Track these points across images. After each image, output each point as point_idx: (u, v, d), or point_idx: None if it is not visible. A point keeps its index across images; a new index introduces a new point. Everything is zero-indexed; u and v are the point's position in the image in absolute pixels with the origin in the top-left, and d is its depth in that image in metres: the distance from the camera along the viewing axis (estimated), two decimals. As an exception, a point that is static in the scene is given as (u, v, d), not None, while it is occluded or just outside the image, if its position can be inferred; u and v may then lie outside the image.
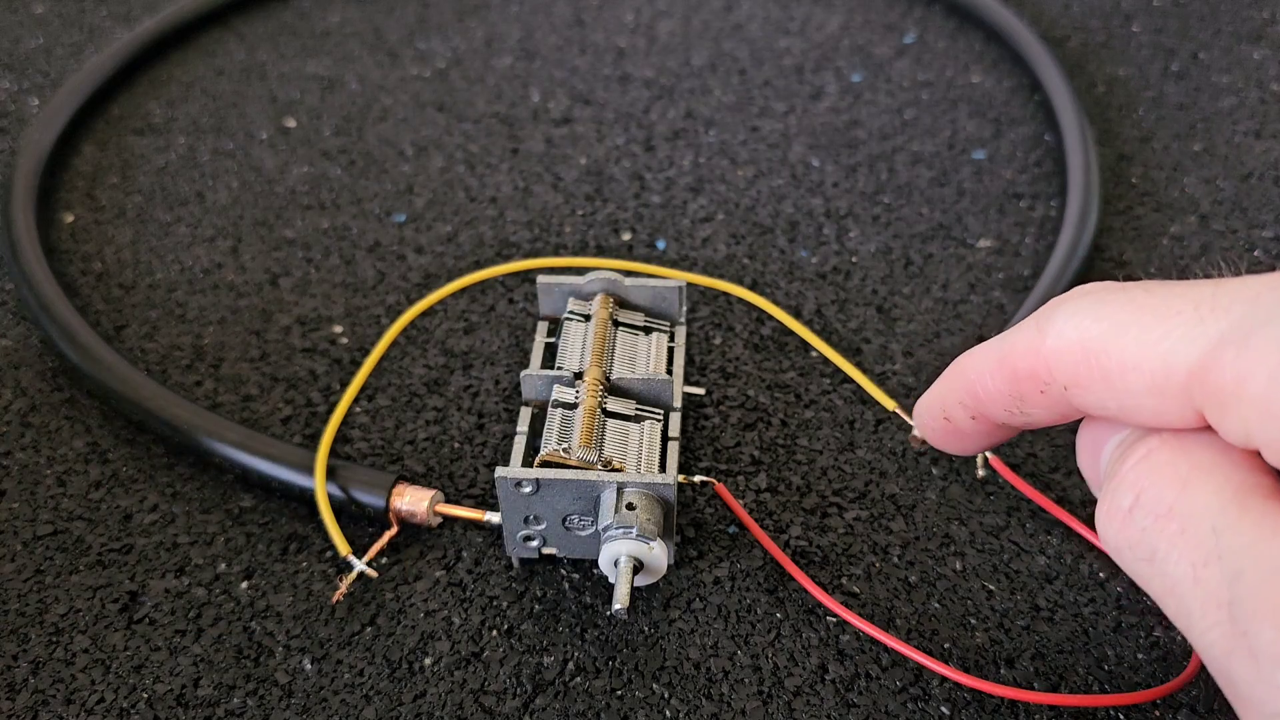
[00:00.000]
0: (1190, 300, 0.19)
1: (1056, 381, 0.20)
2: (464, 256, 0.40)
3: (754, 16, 0.53)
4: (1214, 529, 0.18)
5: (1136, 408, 0.19)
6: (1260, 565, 0.17)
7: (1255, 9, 0.53)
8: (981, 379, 0.22)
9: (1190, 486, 0.18)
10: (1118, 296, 0.20)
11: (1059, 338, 0.20)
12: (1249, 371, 0.17)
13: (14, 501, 0.32)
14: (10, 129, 0.46)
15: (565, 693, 0.27)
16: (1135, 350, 0.19)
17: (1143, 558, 0.19)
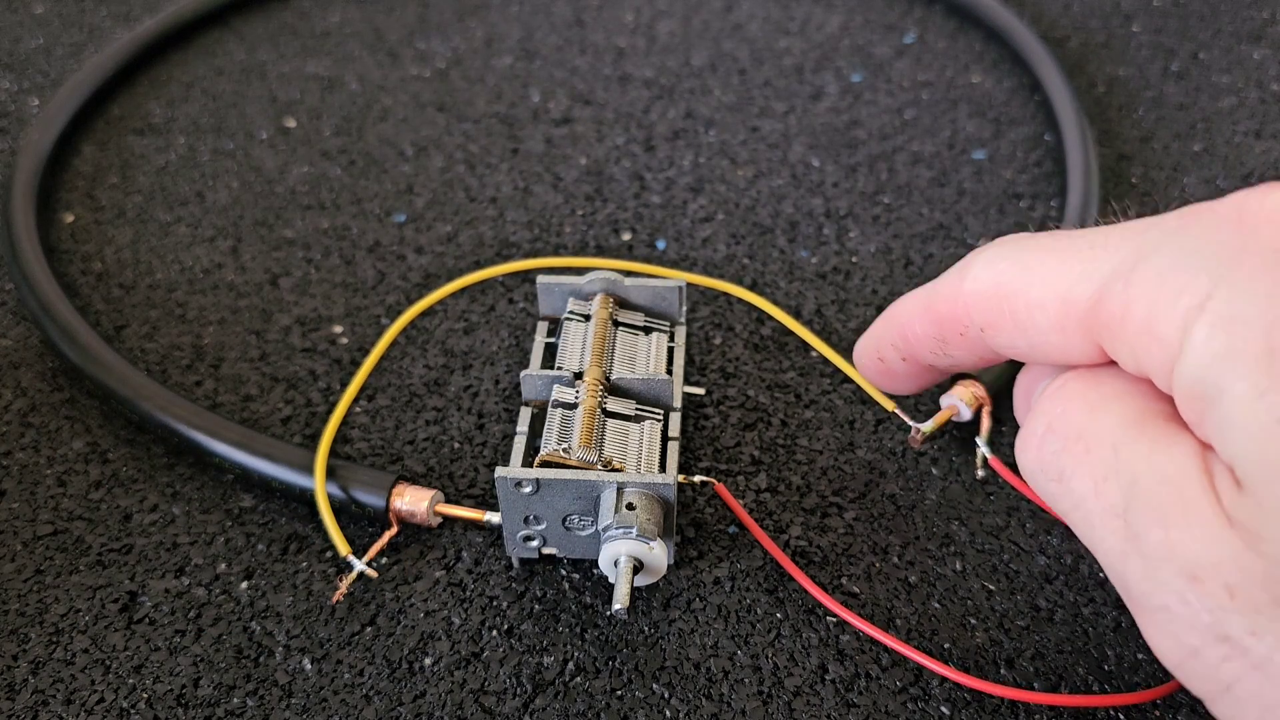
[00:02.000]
0: (1087, 241, 0.20)
1: (974, 324, 0.22)
2: (464, 256, 0.40)
3: (754, 16, 0.53)
4: (1114, 447, 0.19)
5: (1044, 345, 0.21)
6: (1152, 474, 0.18)
7: (1255, 9, 0.53)
8: (910, 323, 0.24)
9: (1097, 412, 0.20)
10: (1028, 243, 0.21)
11: (975, 281, 0.22)
12: (1133, 303, 0.18)
13: (14, 501, 0.32)
14: (10, 129, 0.46)
15: (565, 693, 0.27)
16: (1040, 290, 0.20)
17: (1053, 478, 0.20)
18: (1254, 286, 0.17)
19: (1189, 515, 0.17)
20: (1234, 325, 0.17)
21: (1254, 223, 0.18)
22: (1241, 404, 0.16)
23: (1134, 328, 0.18)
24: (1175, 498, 0.18)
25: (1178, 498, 0.18)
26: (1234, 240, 0.18)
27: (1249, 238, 0.17)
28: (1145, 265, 0.18)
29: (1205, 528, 0.17)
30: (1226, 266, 0.17)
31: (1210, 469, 0.18)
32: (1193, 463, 0.18)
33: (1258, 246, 0.17)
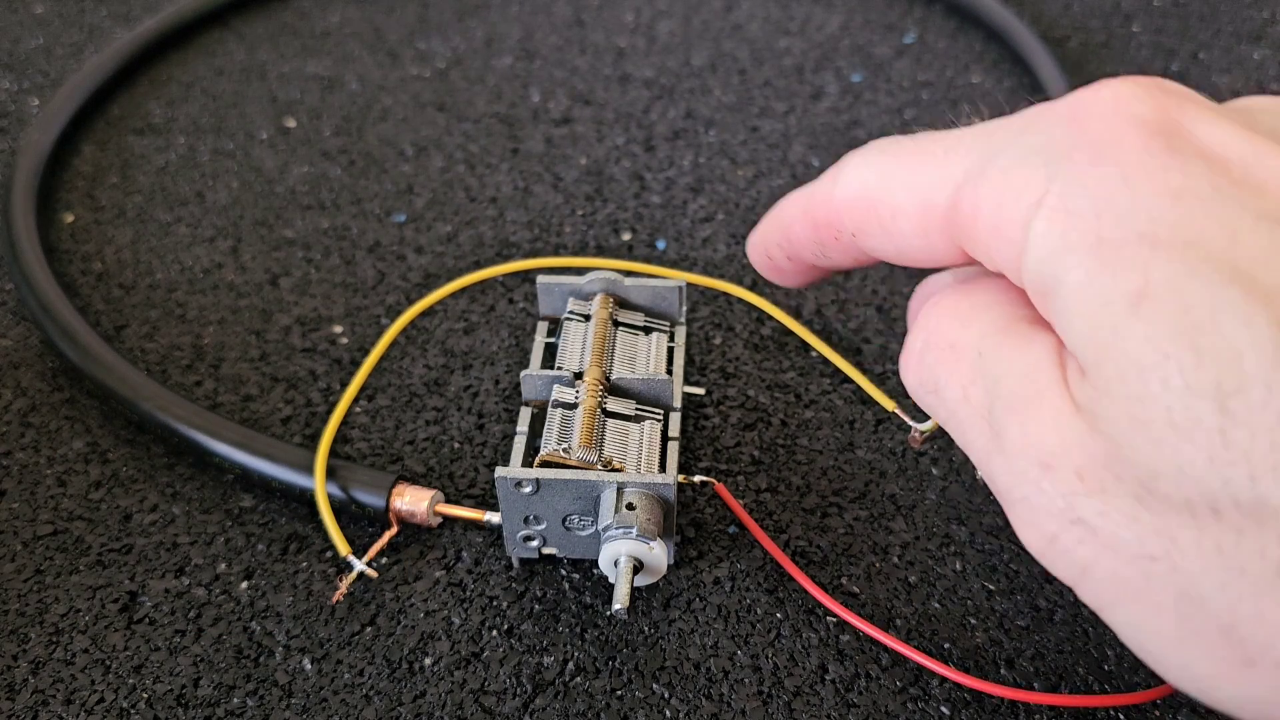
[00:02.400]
0: (943, 146, 0.20)
1: (846, 230, 0.23)
2: (464, 256, 0.40)
3: (754, 16, 0.53)
4: (980, 353, 0.20)
5: (911, 249, 0.21)
6: (1011, 373, 0.19)
7: (1255, 9, 0.53)
8: (792, 225, 0.24)
9: (968, 322, 0.20)
10: (891, 148, 0.22)
11: (845, 188, 0.22)
12: (981, 204, 0.19)
13: (14, 501, 0.32)
14: (10, 129, 0.46)
15: (565, 693, 0.27)
16: (901, 196, 0.21)
17: (930, 390, 0.21)
18: (1084, 179, 0.17)
19: (1042, 406, 0.18)
20: (1068, 217, 0.17)
21: (1086, 118, 0.18)
22: (1075, 291, 0.17)
23: (984, 228, 0.19)
24: (1031, 391, 0.18)
25: (1033, 391, 0.18)
26: (1068, 136, 0.18)
27: (1081, 133, 0.18)
28: (991, 167, 0.19)
29: (1056, 416, 0.18)
30: (1061, 162, 0.18)
31: (1064, 361, 0.18)
32: (1048, 357, 0.18)
33: (1088, 140, 0.18)
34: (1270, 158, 0.17)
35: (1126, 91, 0.18)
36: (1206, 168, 0.17)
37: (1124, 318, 0.16)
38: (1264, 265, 0.16)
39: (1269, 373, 0.15)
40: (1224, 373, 0.15)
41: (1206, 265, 0.16)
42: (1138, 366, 0.16)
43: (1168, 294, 0.16)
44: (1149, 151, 0.17)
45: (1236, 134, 0.18)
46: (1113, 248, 0.17)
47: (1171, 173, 0.17)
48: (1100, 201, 0.17)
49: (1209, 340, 0.16)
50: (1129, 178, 0.17)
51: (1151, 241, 0.16)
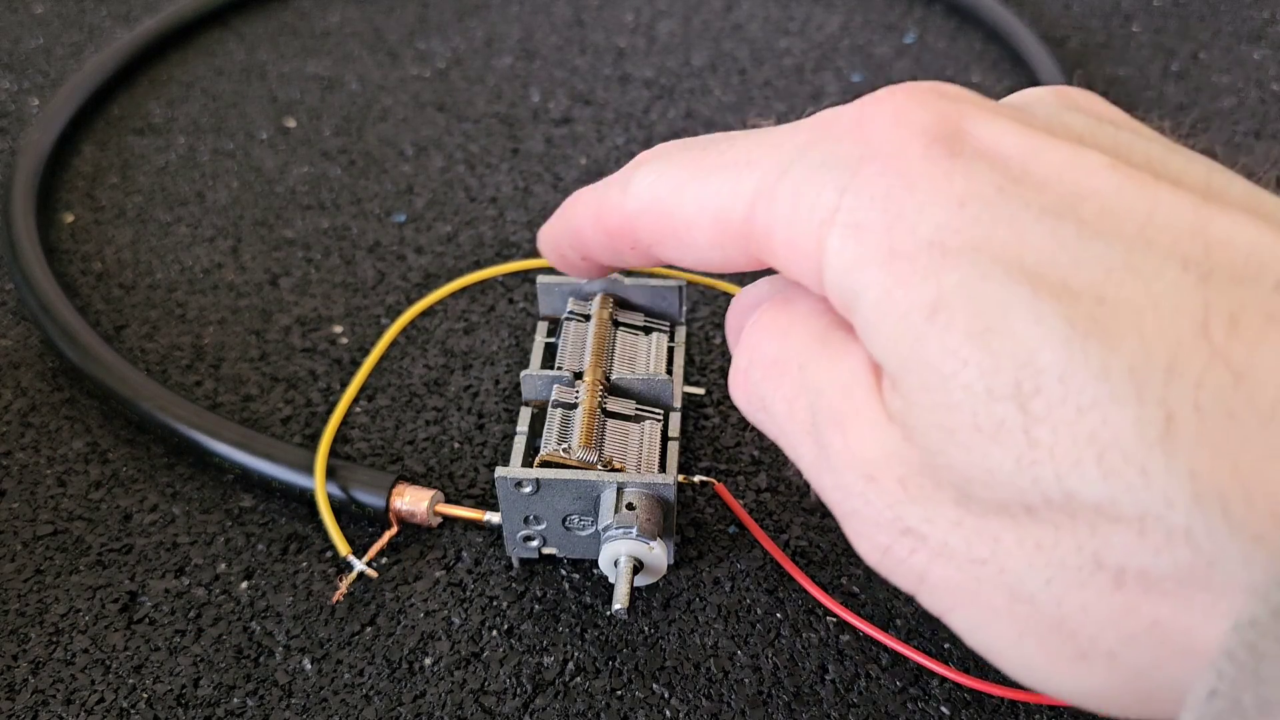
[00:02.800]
0: (732, 156, 0.20)
1: (641, 240, 0.22)
2: (464, 256, 0.40)
3: (754, 16, 0.53)
4: (800, 366, 0.20)
5: (708, 260, 0.21)
6: (832, 385, 0.19)
7: (1255, 9, 0.53)
8: (583, 229, 0.24)
9: (787, 336, 0.20)
10: (681, 155, 0.21)
11: (637, 199, 0.22)
12: (776, 221, 0.19)
13: (14, 501, 0.32)
14: (10, 129, 0.46)
15: (565, 693, 0.27)
16: (694, 210, 0.21)
17: (759, 408, 0.21)
18: (872, 191, 0.17)
19: (860, 418, 0.18)
20: (859, 231, 0.17)
21: (870, 129, 0.18)
22: (873, 306, 0.17)
23: (780, 244, 0.19)
24: (849, 404, 0.18)
25: (850, 404, 0.18)
26: (855, 149, 0.18)
27: (866, 144, 0.18)
28: (783, 182, 0.19)
29: (873, 428, 0.18)
30: (849, 175, 0.18)
31: (877, 371, 0.18)
32: (862, 367, 0.18)
33: (873, 152, 0.18)
34: (1048, 151, 0.17)
35: (905, 100, 0.18)
36: (988, 168, 0.17)
37: (922, 328, 0.16)
38: (1049, 260, 0.16)
39: (1063, 366, 0.15)
40: (1021, 372, 0.15)
41: (996, 267, 0.16)
42: (939, 375, 0.16)
43: (960, 300, 0.16)
44: (931, 158, 0.17)
45: (1014, 131, 0.18)
46: (904, 259, 0.17)
47: (955, 177, 0.17)
48: (889, 213, 0.17)
49: (1003, 342, 0.16)
50: (914, 186, 0.17)
51: (941, 249, 0.17)
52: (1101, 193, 0.17)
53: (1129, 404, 0.15)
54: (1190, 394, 0.14)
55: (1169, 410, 0.14)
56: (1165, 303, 0.15)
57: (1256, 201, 0.17)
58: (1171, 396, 0.14)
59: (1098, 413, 0.15)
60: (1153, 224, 0.16)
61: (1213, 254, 0.16)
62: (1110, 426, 0.15)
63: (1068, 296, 0.16)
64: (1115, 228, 0.16)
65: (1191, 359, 0.15)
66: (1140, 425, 0.14)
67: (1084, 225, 0.16)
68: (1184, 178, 0.17)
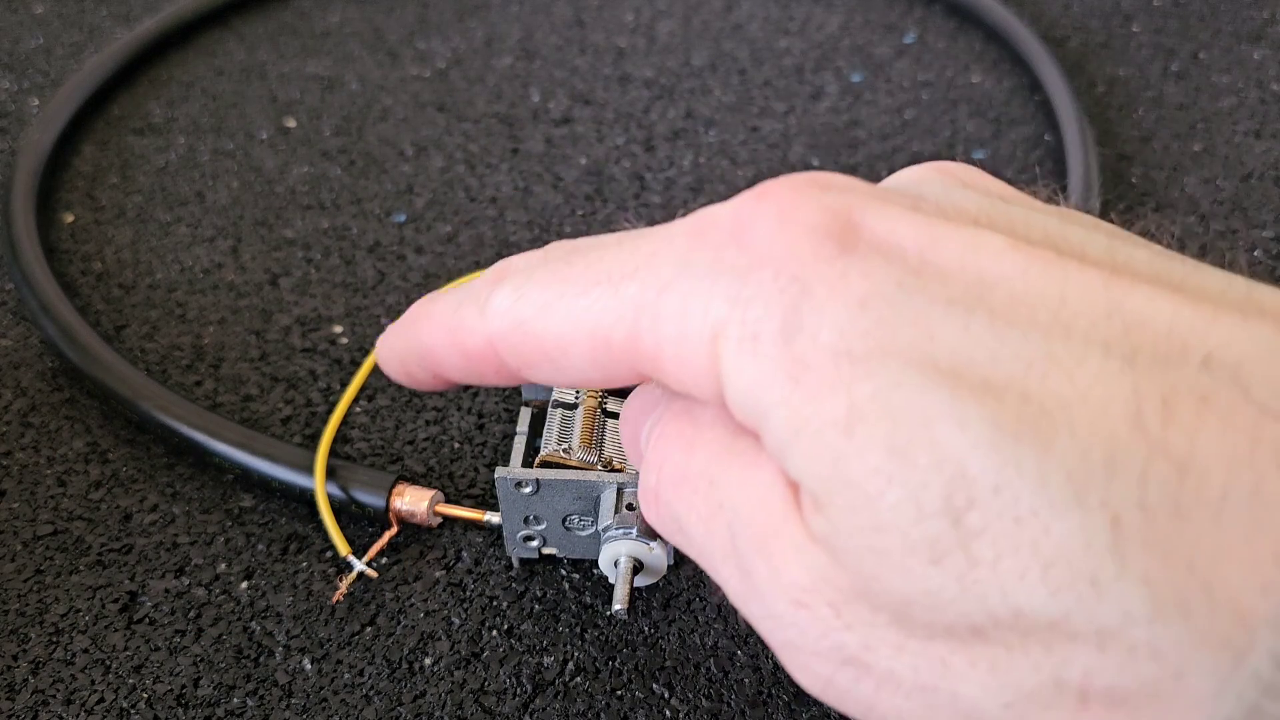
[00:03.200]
0: (603, 269, 0.18)
1: (508, 364, 0.20)
2: (464, 256, 0.40)
3: (754, 16, 0.53)
4: (711, 481, 0.18)
5: (588, 379, 0.19)
6: (748, 501, 0.17)
7: (1255, 9, 0.53)
8: (435, 350, 0.22)
9: (694, 448, 0.19)
10: (542, 271, 0.19)
11: (499, 319, 0.20)
12: (663, 340, 0.17)
13: (14, 501, 0.32)
14: (10, 129, 0.46)
15: (565, 693, 0.27)
16: (567, 329, 0.19)
17: (674, 530, 0.19)
18: (767, 298, 0.16)
19: (783, 540, 0.16)
20: (756, 344, 0.16)
21: (753, 232, 0.17)
22: (784, 425, 0.16)
23: (672, 364, 0.17)
24: (768, 524, 0.17)
25: (770, 524, 0.17)
26: (740, 255, 0.17)
27: (752, 249, 0.17)
28: (666, 297, 0.17)
29: (798, 551, 0.16)
30: (739, 283, 0.16)
31: (795, 487, 0.17)
32: (777, 483, 0.17)
33: (762, 256, 0.16)
34: (945, 238, 0.16)
35: (787, 197, 0.17)
36: (885, 263, 0.16)
37: (839, 446, 0.15)
38: (965, 357, 0.15)
39: (995, 475, 0.14)
40: (950, 486, 0.14)
41: (908, 371, 0.15)
42: (863, 495, 0.15)
43: (876, 412, 0.15)
44: (823, 258, 0.16)
45: (907, 219, 0.17)
46: (809, 371, 0.15)
47: (851, 277, 0.16)
48: (787, 321, 0.16)
49: (927, 454, 0.14)
50: (810, 290, 0.16)
51: (848, 356, 0.15)
52: (1008, 278, 0.16)
53: (1070, 510, 0.14)
54: (1134, 492, 0.13)
55: (1113, 513, 0.13)
56: (1093, 394, 0.14)
57: (1164, 270, 0.16)
58: (1114, 497, 0.13)
59: (1038, 522, 0.14)
60: (1066, 307, 0.15)
61: (1132, 335, 0.15)
62: (1053, 536, 0.14)
63: (990, 396, 0.14)
64: (1028, 315, 0.15)
65: (1130, 454, 0.14)
66: (1085, 532, 0.13)
67: (995, 315, 0.15)
68: (1087, 251, 0.16)
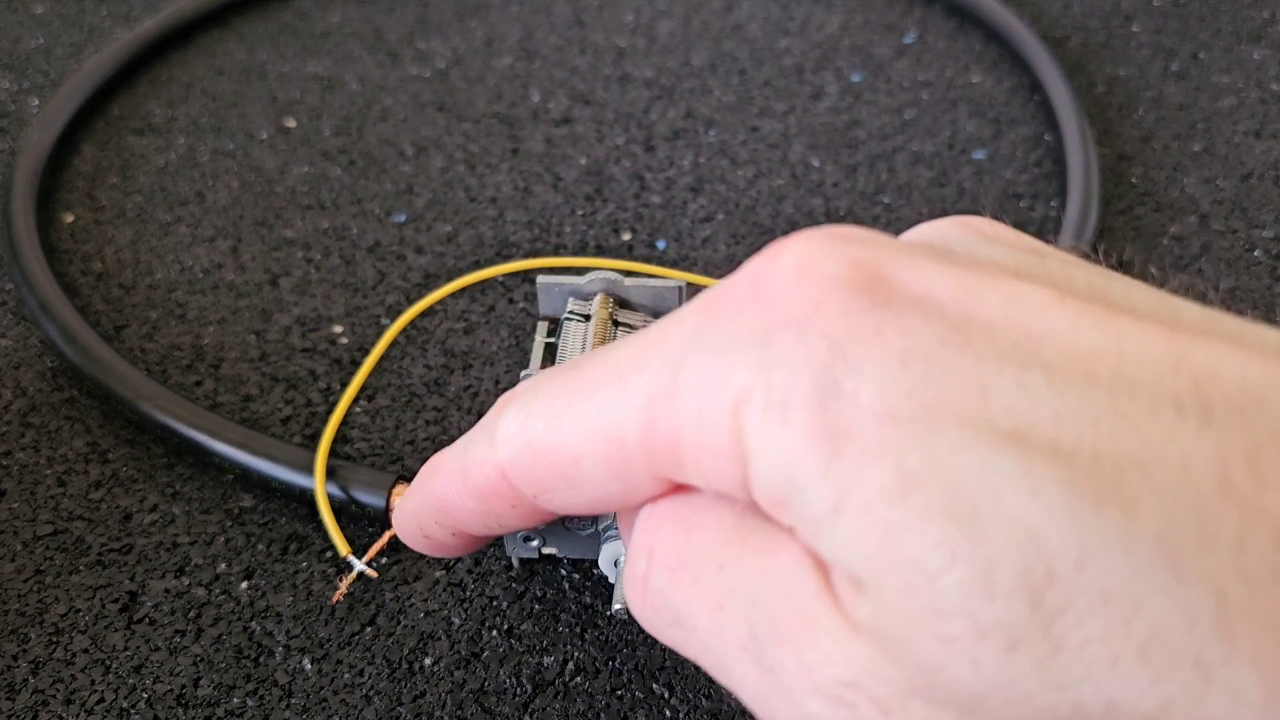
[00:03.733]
0: (611, 367, 0.17)
1: (524, 493, 0.19)
2: (464, 256, 0.40)
3: (754, 16, 0.53)
4: (720, 565, 0.16)
5: (608, 496, 0.18)
6: (770, 587, 0.15)
7: (1255, 9, 0.53)
8: (449, 501, 0.20)
9: (694, 530, 0.17)
10: (549, 385, 0.18)
11: (509, 444, 0.18)
12: (681, 422, 0.16)
13: (14, 501, 0.32)
14: (10, 129, 0.46)
15: (565, 693, 0.27)
16: (578, 438, 0.17)
17: (670, 622, 0.17)
18: (794, 361, 0.14)
19: (815, 630, 0.15)
20: (787, 411, 0.14)
21: (772, 292, 0.15)
22: (823, 498, 0.14)
23: (691, 449, 0.16)
24: (797, 612, 0.15)
25: (799, 611, 0.15)
26: (760, 318, 0.15)
27: (773, 310, 0.15)
28: (681, 376, 0.16)
29: (835, 641, 0.14)
30: (761, 349, 0.15)
31: (825, 569, 0.15)
32: (804, 565, 0.15)
33: (785, 316, 0.15)
34: (985, 291, 0.15)
35: (807, 251, 0.15)
36: (923, 318, 0.14)
37: (891, 518, 0.13)
38: (1025, 417, 0.13)
39: (1077, 545, 0.12)
40: (1027, 560, 0.13)
41: (965, 432, 0.13)
42: (923, 574, 0.13)
43: (932, 478, 0.13)
44: (855, 313, 0.15)
45: (940, 272, 0.15)
46: (851, 436, 0.14)
47: (888, 333, 0.14)
48: (820, 384, 0.14)
49: (997, 524, 0.13)
50: (842, 349, 0.14)
51: (893, 419, 0.14)
52: (1058, 331, 0.14)
53: (1167, 583, 0.12)
54: (1233, 561, 0.12)
55: (1216, 585, 0.12)
56: (1172, 453, 0.13)
57: (1218, 325, 0.15)
58: (1215, 567, 0.12)
59: (1129, 598, 0.12)
60: (1127, 361, 0.14)
61: (1204, 389, 0.13)
62: (1148, 614, 0.12)
63: (1061, 459, 0.13)
64: (1087, 371, 0.14)
65: (1223, 518, 0.12)
66: (1186, 608, 0.12)
67: (1052, 371, 0.14)
68: (1136, 305, 0.15)
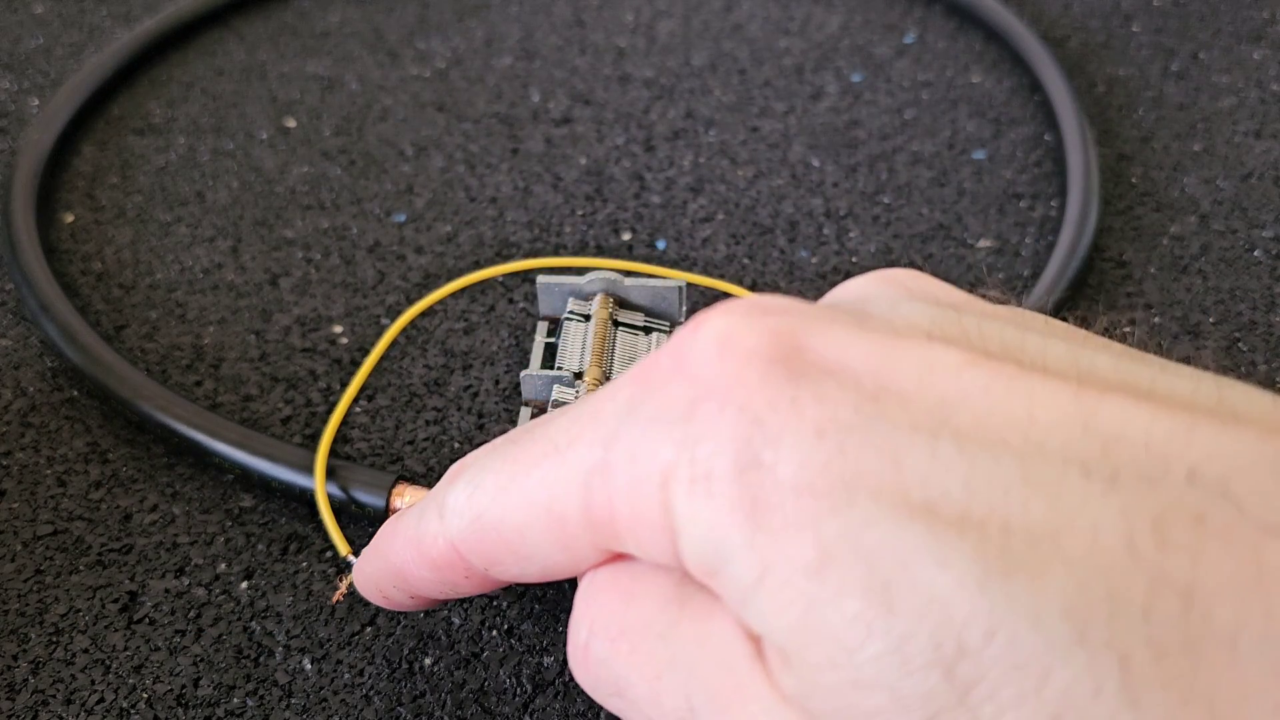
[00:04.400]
0: (549, 441, 0.17)
1: (475, 566, 0.19)
2: (464, 256, 0.40)
3: (754, 16, 0.53)
4: (660, 635, 0.16)
5: (556, 566, 0.18)
6: (707, 659, 0.16)
7: (1255, 9, 0.53)
8: (405, 568, 0.21)
9: (634, 599, 0.17)
10: (492, 459, 0.18)
11: (457, 519, 0.19)
12: (615, 498, 0.16)
13: (14, 501, 0.32)
14: (10, 129, 0.46)
15: (565, 693, 0.27)
16: (522, 513, 0.17)
17: (612, 692, 0.17)
18: (715, 434, 0.15)
19: (746, 700, 0.15)
20: (710, 484, 0.15)
21: (694, 367, 0.16)
22: (745, 572, 0.14)
23: (624, 523, 0.16)
24: (730, 682, 0.15)
25: (732, 681, 0.15)
26: (683, 393, 0.16)
27: (695, 385, 0.15)
28: (613, 450, 0.16)
29: (766, 712, 0.15)
30: (684, 422, 0.15)
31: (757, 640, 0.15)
32: (736, 634, 0.15)
33: (706, 390, 0.15)
34: (898, 357, 0.15)
35: (726, 325, 0.16)
36: (838, 388, 0.15)
37: (810, 592, 0.14)
38: (937, 487, 0.13)
39: (987, 617, 0.13)
40: (939, 633, 0.13)
41: (877, 505, 0.14)
42: (842, 647, 0.13)
43: (847, 551, 0.13)
44: (772, 385, 0.15)
45: (855, 340, 0.15)
46: (770, 510, 0.14)
47: (804, 404, 0.14)
48: (739, 457, 0.14)
49: (908, 598, 0.13)
50: (760, 421, 0.15)
51: (810, 491, 0.14)
52: (969, 396, 0.14)
53: (1073, 651, 0.12)
54: (1140, 629, 0.12)
55: (1121, 651, 0.12)
56: (1079, 521, 0.13)
57: (1131, 375, 0.15)
58: (1119, 634, 0.12)
59: (1038, 667, 0.12)
60: (1036, 426, 0.14)
61: (1110, 452, 0.13)
62: (1057, 682, 0.12)
63: (970, 529, 0.13)
64: (997, 436, 0.14)
65: (1130, 585, 0.12)
66: (1093, 676, 0.12)
67: (962, 438, 0.14)
68: (1048, 361, 0.15)
